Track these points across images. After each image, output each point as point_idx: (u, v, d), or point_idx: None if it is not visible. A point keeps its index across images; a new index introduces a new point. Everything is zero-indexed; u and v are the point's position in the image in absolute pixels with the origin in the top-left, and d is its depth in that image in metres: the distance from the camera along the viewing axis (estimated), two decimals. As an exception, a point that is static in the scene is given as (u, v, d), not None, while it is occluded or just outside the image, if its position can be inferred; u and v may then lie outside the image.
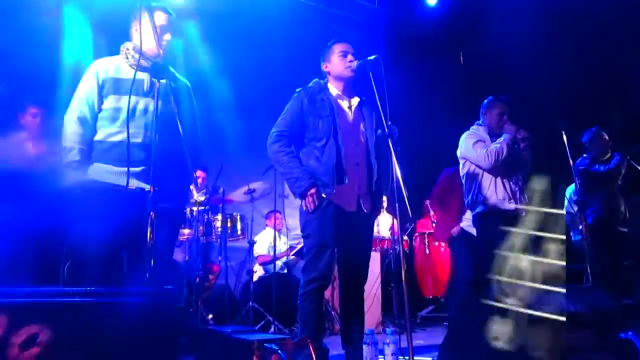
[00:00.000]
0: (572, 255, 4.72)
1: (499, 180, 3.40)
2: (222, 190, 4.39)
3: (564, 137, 3.55)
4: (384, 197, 3.93)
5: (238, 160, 5.15)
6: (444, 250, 5.66)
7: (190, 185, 3.90)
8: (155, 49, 2.40)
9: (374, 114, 2.80)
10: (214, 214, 4.44)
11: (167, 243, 2.48)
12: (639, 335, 2.01)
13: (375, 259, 5.13)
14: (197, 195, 4.18)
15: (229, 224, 4.47)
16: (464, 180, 3.57)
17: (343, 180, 2.61)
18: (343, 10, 6.04)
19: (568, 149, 3.56)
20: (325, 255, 2.55)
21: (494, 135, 3.48)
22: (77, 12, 4.37)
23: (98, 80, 2.42)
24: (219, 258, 4.55)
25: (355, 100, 2.82)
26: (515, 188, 3.43)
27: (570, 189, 4.73)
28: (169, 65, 2.55)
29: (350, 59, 2.73)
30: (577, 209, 4.37)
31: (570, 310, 1.86)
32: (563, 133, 3.56)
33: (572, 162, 3.62)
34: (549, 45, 5.62)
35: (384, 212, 5.30)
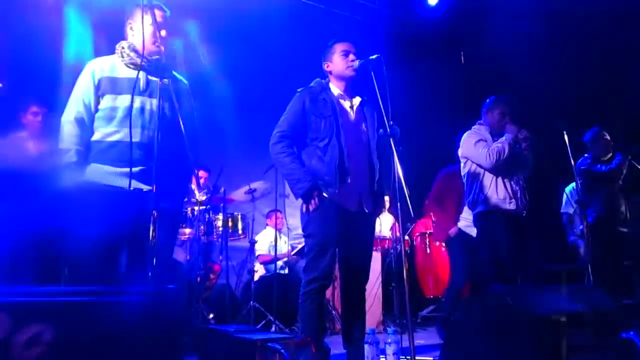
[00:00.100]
0: (571, 256, 4.74)
1: (500, 180, 3.40)
2: (223, 190, 4.40)
3: (565, 136, 3.55)
4: (387, 197, 3.93)
5: (239, 160, 5.16)
6: (445, 250, 5.65)
7: (192, 185, 3.91)
8: (152, 47, 2.37)
9: (376, 114, 2.80)
10: (215, 214, 4.44)
11: (166, 243, 2.45)
12: (640, 335, 2.01)
13: (377, 259, 5.13)
14: (198, 195, 4.18)
15: (230, 224, 4.47)
16: (465, 180, 3.57)
17: (345, 180, 2.61)
18: (343, 10, 6.03)
19: (569, 149, 3.55)
20: (327, 255, 2.55)
21: (496, 135, 3.48)
22: (77, 12, 4.37)
23: (94, 80, 2.39)
24: (220, 257, 4.56)
25: (357, 100, 2.82)
26: (517, 188, 3.43)
27: (570, 188, 4.73)
28: (167, 64, 2.52)
29: (352, 59, 2.73)
30: (577, 209, 4.36)
31: (571, 310, 1.87)
32: (564, 133, 3.55)
33: (573, 162, 3.62)
34: (550, 45, 5.62)
35: (386, 211, 5.30)
